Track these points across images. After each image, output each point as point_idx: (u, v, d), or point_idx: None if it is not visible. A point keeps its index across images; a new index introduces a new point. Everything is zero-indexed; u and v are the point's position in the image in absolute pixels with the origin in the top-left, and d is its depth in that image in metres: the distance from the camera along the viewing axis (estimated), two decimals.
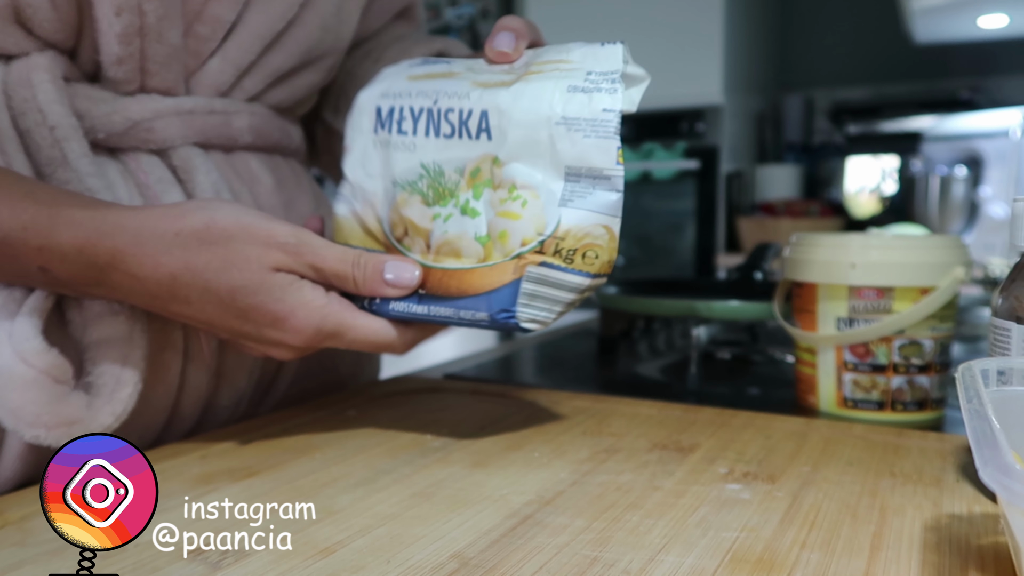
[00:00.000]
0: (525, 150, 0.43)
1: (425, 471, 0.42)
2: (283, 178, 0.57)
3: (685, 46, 2.44)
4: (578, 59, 0.43)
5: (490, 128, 0.44)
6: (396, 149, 0.47)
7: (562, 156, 0.42)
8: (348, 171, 0.49)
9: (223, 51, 0.51)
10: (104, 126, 0.47)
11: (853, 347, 0.54)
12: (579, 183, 0.43)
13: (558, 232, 0.43)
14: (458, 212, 0.45)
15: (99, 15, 0.44)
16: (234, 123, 0.52)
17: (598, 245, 0.43)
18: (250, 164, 0.54)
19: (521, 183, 0.43)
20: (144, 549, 0.32)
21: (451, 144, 0.45)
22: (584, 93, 0.42)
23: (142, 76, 0.48)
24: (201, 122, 0.50)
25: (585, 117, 0.42)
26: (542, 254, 0.43)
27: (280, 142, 0.57)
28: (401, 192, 0.47)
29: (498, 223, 0.44)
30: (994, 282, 1.20)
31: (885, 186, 2.55)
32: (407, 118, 0.47)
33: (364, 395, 0.60)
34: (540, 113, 0.43)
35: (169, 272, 0.41)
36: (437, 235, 0.45)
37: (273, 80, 0.54)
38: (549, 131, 0.42)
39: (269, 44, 0.53)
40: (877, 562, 0.31)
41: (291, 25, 0.53)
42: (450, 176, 0.45)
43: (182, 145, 0.49)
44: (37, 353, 0.40)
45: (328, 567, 0.31)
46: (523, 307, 0.43)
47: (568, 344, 0.91)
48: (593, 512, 0.36)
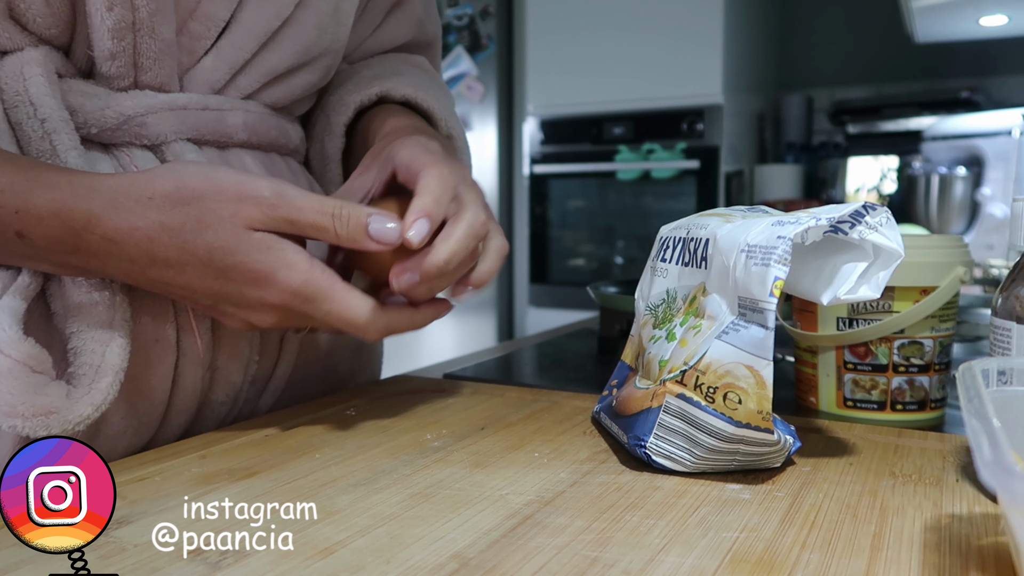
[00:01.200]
0: (719, 278, 0.41)
1: (425, 471, 0.42)
2: (278, 175, 0.57)
3: (685, 46, 2.44)
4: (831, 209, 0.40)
5: (707, 256, 0.43)
6: (657, 275, 0.49)
7: (738, 285, 0.40)
8: (636, 292, 0.52)
9: (217, 49, 0.51)
10: (97, 121, 0.47)
11: (853, 347, 0.54)
12: (744, 316, 0.40)
13: (700, 364, 0.40)
14: (665, 336, 0.44)
15: (91, 9, 0.45)
16: (228, 120, 0.52)
17: (740, 388, 0.39)
18: (245, 161, 0.54)
19: (709, 312, 0.41)
20: (144, 549, 0.32)
21: (687, 272, 0.45)
22: (780, 225, 0.39)
23: (135, 71, 0.48)
24: (194, 118, 0.50)
25: (761, 244, 0.39)
26: (682, 385, 0.40)
27: (277, 140, 0.57)
28: (646, 314, 0.48)
29: (670, 348, 0.43)
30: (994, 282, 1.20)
31: (885, 186, 2.55)
32: (670, 247, 0.48)
33: (364, 395, 0.60)
34: (735, 241, 0.40)
35: (145, 235, 0.41)
36: (646, 356, 0.46)
37: (269, 79, 0.54)
38: (734, 258, 0.40)
39: (264, 43, 0.53)
40: (877, 562, 0.31)
41: (286, 24, 0.54)
42: (678, 302, 0.46)
43: (175, 140, 0.49)
44: (12, 342, 0.40)
45: (328, 567, 0.31)
46: (657, 439, 0.41)
47: (568, 344, 0.91)
48: (593, 512, 0.36)
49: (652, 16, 2.48)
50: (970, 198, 2.05)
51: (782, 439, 0.40)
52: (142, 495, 0.39)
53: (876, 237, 0.39)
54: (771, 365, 0.38)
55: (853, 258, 0.40)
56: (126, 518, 0.36)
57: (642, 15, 2.49)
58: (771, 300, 0.37)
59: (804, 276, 0.42)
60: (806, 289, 0.42)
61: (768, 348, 0.38)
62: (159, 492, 0.39)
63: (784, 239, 0.38)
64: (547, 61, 2.64)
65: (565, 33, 2.61)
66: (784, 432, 0.41)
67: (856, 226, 0.39)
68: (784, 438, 0.41)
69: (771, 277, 0.38)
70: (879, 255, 0.40)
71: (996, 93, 2.54)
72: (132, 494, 0.39)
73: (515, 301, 2.90)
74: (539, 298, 2.75)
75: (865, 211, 0.39)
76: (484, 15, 2.79)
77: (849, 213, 0.39)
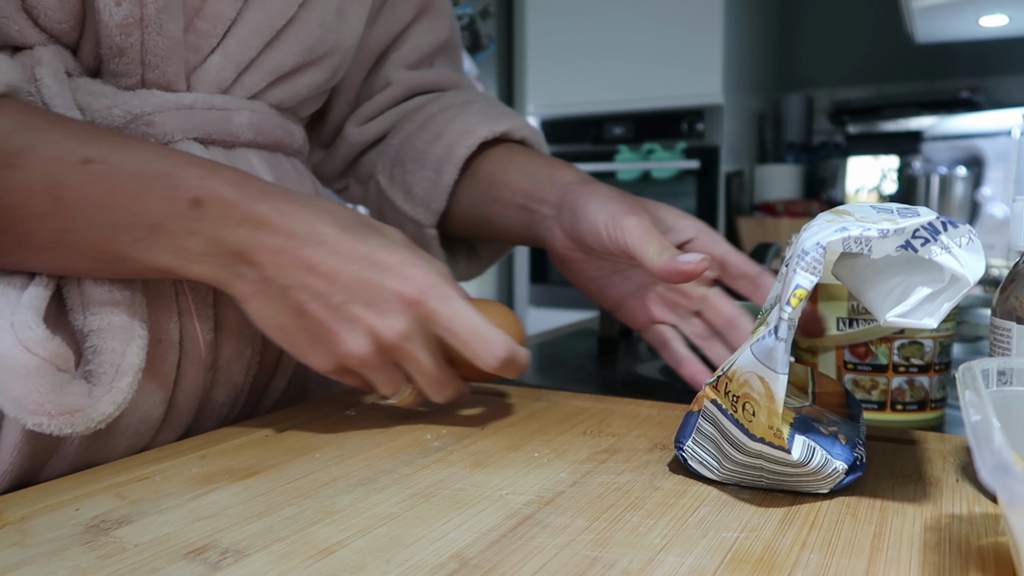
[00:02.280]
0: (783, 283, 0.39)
1: (425, 471, 0.42)
2: (284, 174, 0.57)
3: (685, 46, 2.44)
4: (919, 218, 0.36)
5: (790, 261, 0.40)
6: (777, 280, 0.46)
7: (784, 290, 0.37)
8: None
9: (223, 47, 0.51)
10: (104, 119, 0.47)
11: (853, 347, 0.54)
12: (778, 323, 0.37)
13: (729, 371, 0.38)
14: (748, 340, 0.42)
15: (100, 5, 0.45)
16: (234, 119, 0.52)
17: (754, 399, 0.36)
18: (251, 160, 0.54)
19: (769, 319, 0.39)
20: (144, 549, 0.32)
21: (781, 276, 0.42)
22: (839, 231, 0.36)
23: (143, 69, 0.48)
24: (201, 117, 0.50)
25: (807, 248, 0.36)
26: (716, 390, 0.39)
27: (282, 140, 0.57)
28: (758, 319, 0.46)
29: None
30: (994, 282, 1.20)
31: (885, 186, 2.55)
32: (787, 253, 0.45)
33: (364, 395, 0.60)
34: (802, 243, 0.37)
35: (313, 211, 0.44)
36: None
37: (275, 78, 0.55)
38: (793, 263, 0.37)
39: (269, 41, 0.53)
40: (877, 562, 0.31)
41: (291, 23, 0.54)
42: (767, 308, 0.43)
43: (181, 139, 0.49)
44: (40, 341, 0.40)
45: (328, 567, 0.31)
46: (694, 444, 0.40)
47: (568, 344, 0.91)
48: (593, 512, 0.36)
49: (652, 16, 2.48)
50: (970, 198, 2.06)
51: (816, 464, 0.37)
52: (142, 495, 0.39)
53: (946, 259, 0.35)
54: (782, 378, 0.36)
55: (930, 280, 0.36)
56: (126, 518, 0.36)
57: (642, 15, 2.49)
58: (786, 309, 0.35)
59: (872, 288, 0.38)
60: (870, 302, 0.39)
61: (777, 359, 0.35)
62: (159, 492, 0.39)
63: (818, 246, 0.35)
64: (547, 61, 2.64)
65: (565, 33, 2.61)
66: (835, 457, 0.38)
67: (929, 243, 0.35)
68: (827, 464, 0.37)
69: (792, 285, 0.36)
70: (951, 280, 0.36)
71: (996, 93, 2.54)
72: (132, 494, 0.39)
73: (515, 301, 2.90)
74: (539, 298, 2.75)
75: (943, 227, 0.35)
76: (484, 15, 2.79)
77: (924, 225, 0.35)
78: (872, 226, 0.36)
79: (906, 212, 0.39)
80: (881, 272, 0.38)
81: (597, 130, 2.59)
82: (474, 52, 2.81)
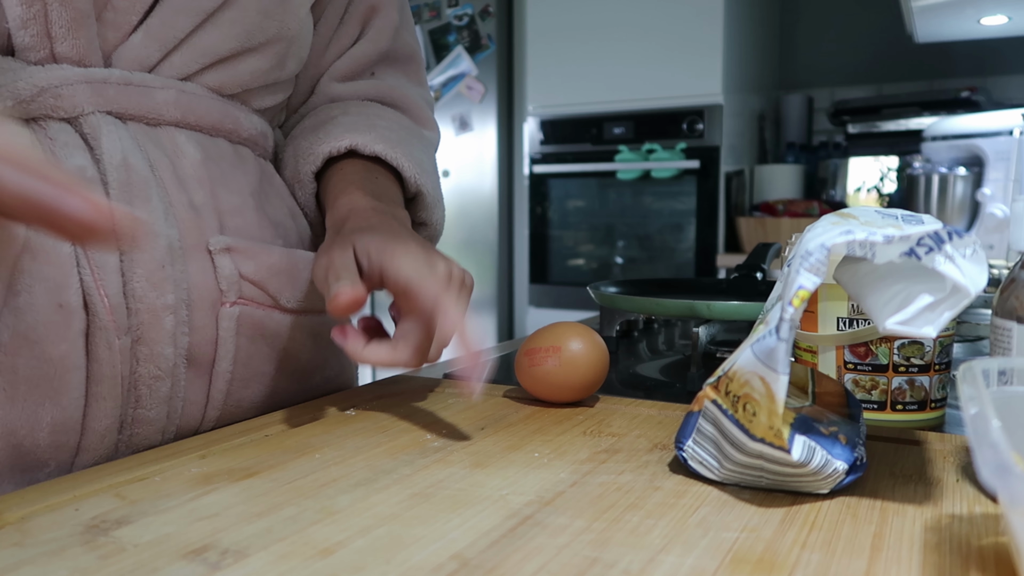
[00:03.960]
0: (784, 283, 0.39)
1: (425, 471, 0.42)
2: (217, 155, 0.56)
3: (685, 46, 2.44)
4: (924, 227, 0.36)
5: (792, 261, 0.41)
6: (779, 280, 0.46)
7: (786, 290, 0.37)
8: None
9: (146, 26, 0.51)
10: (11, 93, 0.47)
11: (853, 347, 0.54)
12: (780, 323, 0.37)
13: (730, 371, 0.39)
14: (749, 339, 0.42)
15: None
16: (156, 97, 0.52)
17: (754, 399, 0.37)
18: (176, 138, 0.53)
19: (768, 319, 0.39)
20: (144, 549, 0.32)
21: (782, 276, 0.43)
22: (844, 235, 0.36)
23: (50, 42, 0.48)
24: (115, 92, 0.50)
25: (811, 249, 0.36)
26: (717, 390, 0.39)
27: (220, 124, 0.56)
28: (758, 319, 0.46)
29: None
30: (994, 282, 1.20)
31: (885, 186, 2.55)
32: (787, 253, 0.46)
33: (364, 395, 0.60)
34: (804, 245, 0.38)
35: None
36: None
37: (211, 61, 0.55)
38: (796, 263, 0.37)
39: (200, 23, 0.53)
40: (878, 562, 0.31)
41: (225, 7, 0.54)
42: None
43: (92, 112, 0.49)
44: None
45: (328, 567, 0.31)
46: (694, 444, 0.40)
47: None
48: (593, 512, 0.36)
49: (652, 16, 2.48)
50: (970, 198, 2.05)
51: (816, 464, 0.37)
52: (142, 495, 0.39)
53: (949, 268, 0.35)
54: (783, 378, 0.36)
55: (931, 289, 0.36)
56: (126, 518, 0.36)
57: (642, 15, 2.49)
58: (788, 309, 0.36)
59: (872, 294, 0.38)
60: (870, 308, 0.39)
61: (778, 359, 0.36)
62: (159, 492, 0.39)
63: (823, 247, 0.35)
64: (547, 61, 2.64)
65: (565, 33, 2.61)
66: (835, 457, 0.38)
67: (933, 251, 0.35)
68: (827, 464, 0.37)
69: (795, 285, 0.36)
70: (952, 290, 0.36)
71: (996, 93, 2.54)
72: (132, 494, 0.39)
73: (515, 301, 2.90)
74: (539, 298, 2.75)
75: (949, 237, 0.36)
76: (484, 15, 2.79)
77: (929, 234, 0.35)
78: (877, 231, 0.36)
79: (911, 219, 0.39)
80: (882, 278, 0.38)
81: (597, 130, 2.59)
82: (474, 52, 2.81)
